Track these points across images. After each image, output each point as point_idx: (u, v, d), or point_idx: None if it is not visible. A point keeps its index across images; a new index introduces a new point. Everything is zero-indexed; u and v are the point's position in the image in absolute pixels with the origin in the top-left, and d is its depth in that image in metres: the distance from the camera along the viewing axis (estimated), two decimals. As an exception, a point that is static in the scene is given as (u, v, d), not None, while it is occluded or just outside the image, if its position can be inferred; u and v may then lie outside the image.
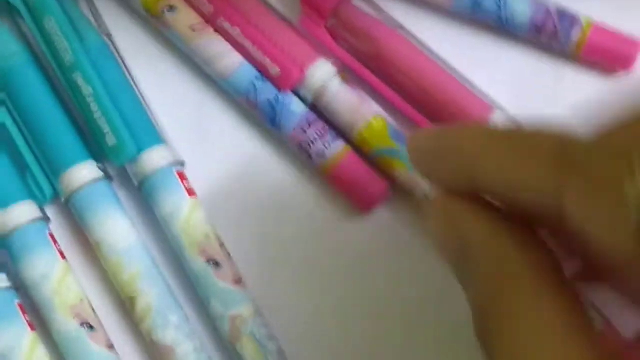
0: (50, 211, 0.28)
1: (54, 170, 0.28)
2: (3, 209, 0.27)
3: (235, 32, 0.29)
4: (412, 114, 0.28)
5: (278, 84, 0.28)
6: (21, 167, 0.28)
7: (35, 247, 0.27)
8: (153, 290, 0.27)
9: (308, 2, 0.29)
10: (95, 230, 0.27)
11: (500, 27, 0.30)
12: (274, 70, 0.28)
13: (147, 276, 0.27)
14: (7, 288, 0.26)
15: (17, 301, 0.26)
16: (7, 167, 0.28)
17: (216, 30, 0.29)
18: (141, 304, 0.27)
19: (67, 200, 0.28)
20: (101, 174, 0.28)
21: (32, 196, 0.28)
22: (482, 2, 0.29)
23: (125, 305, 0.27)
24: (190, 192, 0.27)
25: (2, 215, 0.27)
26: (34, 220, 0.27)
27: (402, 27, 0.29)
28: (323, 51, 0.29)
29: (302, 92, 0.29)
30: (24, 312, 0.26)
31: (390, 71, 0.29)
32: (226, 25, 0.29)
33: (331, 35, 0.29)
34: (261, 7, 0.30)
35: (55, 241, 0.27)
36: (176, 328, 0.26)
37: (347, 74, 0.29)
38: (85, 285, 0.27)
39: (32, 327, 0.26)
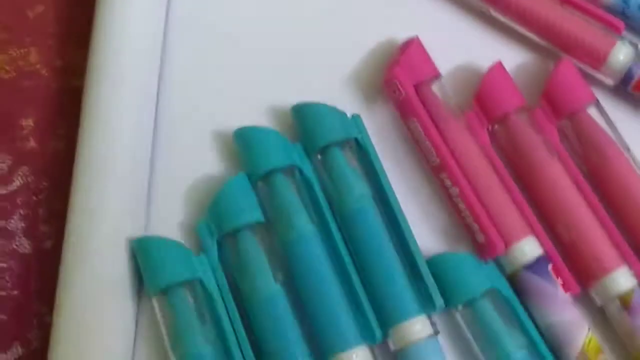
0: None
1: (386, 319, 0.28)
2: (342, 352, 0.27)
3: (454, 191, 0.29)
4: (612, 231, 0.29)
5: (480, 251, 0.29)
6: (355, 308, 0.29)
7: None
8: None
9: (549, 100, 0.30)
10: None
11: None
12: (480, 237, 0.29)
13: None
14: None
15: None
16: (346, 310, 0.28)
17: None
18: None
19: (399, 351, 0.28)
20: (433, 329, 0.28)
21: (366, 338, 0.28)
22: None
23: None
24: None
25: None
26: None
27: (629, 149, 0.30)
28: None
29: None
30: None
31: (605, 187, 0.30)
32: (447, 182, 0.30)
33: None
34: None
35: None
36: None
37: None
38: None
39: None
